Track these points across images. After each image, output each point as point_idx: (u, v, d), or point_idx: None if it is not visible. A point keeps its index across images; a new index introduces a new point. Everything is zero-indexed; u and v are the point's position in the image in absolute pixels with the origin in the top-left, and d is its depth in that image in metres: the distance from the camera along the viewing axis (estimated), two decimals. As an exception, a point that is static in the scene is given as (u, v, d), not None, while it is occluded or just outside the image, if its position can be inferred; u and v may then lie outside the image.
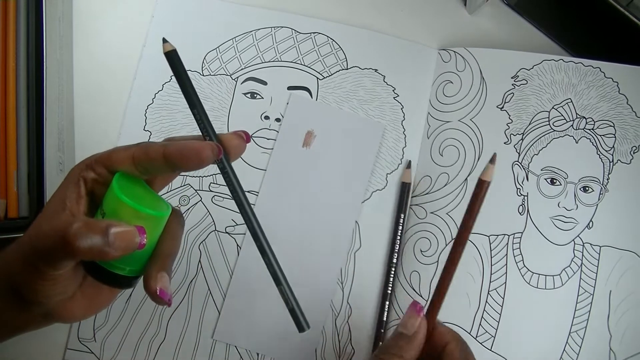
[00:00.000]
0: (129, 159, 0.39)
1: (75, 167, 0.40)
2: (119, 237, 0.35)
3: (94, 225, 0.35)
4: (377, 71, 0.62)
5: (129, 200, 0.37)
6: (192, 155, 0.37)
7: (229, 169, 0.40)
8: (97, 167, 0.39)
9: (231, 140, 0.40)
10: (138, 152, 0.38)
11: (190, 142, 0.38)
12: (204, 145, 0.38)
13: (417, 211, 0.58)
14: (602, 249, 0.55)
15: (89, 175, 0.40)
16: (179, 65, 0.40)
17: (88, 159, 0.40)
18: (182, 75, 0.40)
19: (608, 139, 0.57)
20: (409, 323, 0.41)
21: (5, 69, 0.52)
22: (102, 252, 0.35)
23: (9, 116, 0.51)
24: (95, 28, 0.62)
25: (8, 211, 0.50)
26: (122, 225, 0.36)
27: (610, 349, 0.53)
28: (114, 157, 0.39)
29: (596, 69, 0.58)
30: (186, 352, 0.55)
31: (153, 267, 0.40)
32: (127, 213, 0.37)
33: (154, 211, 0.38)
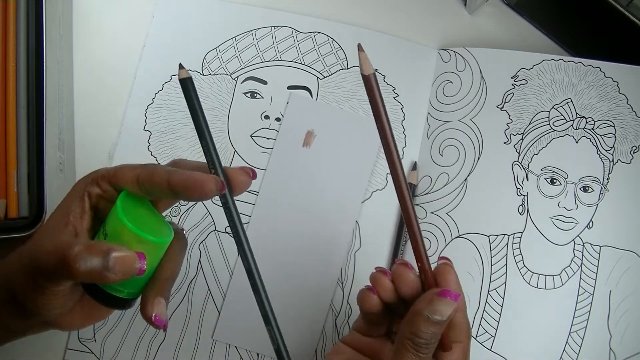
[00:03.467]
0: (134, 180, 0.38)
1: (80, 180, 0.40)
2: (119, 262, 0.35)
3: (95, 248, 0.35)
4: (377, 71, 0.62)
5: (131, 225, 0.37)
6: (196, 187, 0.37)
7: (231, 204, 0.39)
8: (103, 184, 0.39)
9: (237, 176, 0.39)
10: (143, 174, 0.38)
11: (195, 174, 0.37)
12: (209, 179, 0.37)
13: (417, 211, 0.58)
14: (602, 248, 0.55)
15: (94, 190, 0.39)
16: (193, 93, 0.39)
17: (94, 174, 0.40)
18: (194, 105, 0.39)
19: (608, 138, 0.57)
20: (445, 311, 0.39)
21: (5, 69, 0.52)
22: (102, 276, 0.35)
23: (9, 116, 0.51)
24: (95, 28, 0.62)
25: (8, 211, 0.50)
26: (122, 250, 0.36)
27: (610, 349, 0.53)
28: (119, 176, 0.39)
29: (596, 68, 0.58)
30: (186, 352, 0.55)
31: (151, 291, 0.39)
32: (128, 236, 0.37)
33: (155, 237, 0.38)
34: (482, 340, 0.54)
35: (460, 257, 0.56)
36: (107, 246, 0.36)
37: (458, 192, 0.58)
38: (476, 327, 0.54)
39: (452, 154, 0.59)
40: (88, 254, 0.35)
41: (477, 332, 0.54)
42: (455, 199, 0.58)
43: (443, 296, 0.39)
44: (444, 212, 0.57)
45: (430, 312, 0.38)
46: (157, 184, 0.37)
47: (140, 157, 0.59)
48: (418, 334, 0.38)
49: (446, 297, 0.39)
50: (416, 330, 0.38)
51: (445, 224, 0.57)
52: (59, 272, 0.35)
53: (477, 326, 0.54)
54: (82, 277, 0.35)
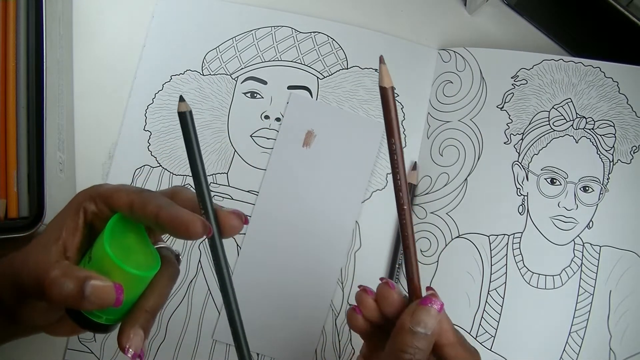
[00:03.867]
0: (129, 206, 0.37)
1: (79, 194, 0.39)
2: (95, 292, 0.35)
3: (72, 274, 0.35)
4: (377, 71, 0.61)
5: (113, 255, 0.36)
6: (182, 228, 0.36)
7: (219, 247, 0.37)
8: (99, 203, 0.38)
9: (229, 220, 0.37)
10: (137, 202, 0.37)
11: (184, 214, 0.36)
12: (195, 221, 0.35)
13: (417, 211, 0.58)
14: (602, 248, 0.55)
15: (90, 207, 0.39)
16: (192, 128, 0.36)
17: (92, 190, 0.39)
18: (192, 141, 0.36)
19: (608, 138, 0.57)
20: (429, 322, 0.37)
21: (5, 69, 0.52)
22: (76, 303, 0.35)
23: (9, 116, 0.51)
24: (95, 28, 0.62)
25: (8, 211, 0.50)
26: (100, 279, 0.35)
27: (610, 349, 0.53)
28: (115, 198, 0.38)
29: (596, 68, 0.58)
30: (186, 352, 0.55)
31: (129, 321, 0.38)
32: (110, 265, 0.36)
33: (137, 270, 0.37)
34: (482, 340, 0.54)
35: (460, 257, 0.56)
36: (85, 274, 0.35)
37: (458, 192, 0.58)
38: (476, 327, 0.54)
39: (452, 154, 0.59)
40: (64, 279, 0.35)
41: (477, 332, 0.54)
42: (455, 199, 0.58)
43: (424, 304, 0.37)
44: (444, 212, 0.57)
45: (413, 324, 0.37)
46: (147, 216, 0.36)
47: (140, 157, 0.59)
48: (402, 348, 0.36)
49: (427, 305, 0.37)
50: (400, 345, 0.37)
51: (445, 224, 0.57)
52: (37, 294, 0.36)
53: (477, 326, 0.54)
54: (56, 301, 0.35)
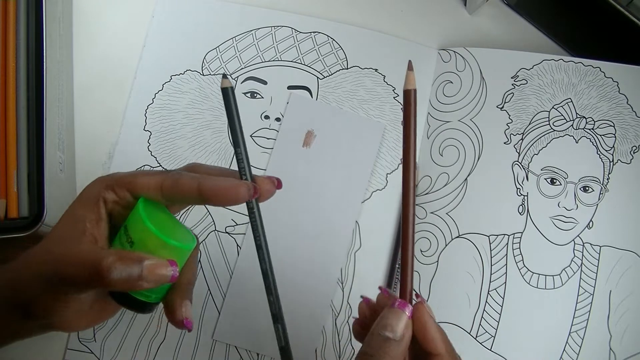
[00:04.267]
0: (157, 188, 0.38)
1: (92, 186, 0.40)
2: (152, 271, 0.36)
3: (128, 258, 0.36)
4: (377, 71, 0.62)
5: (159, 233, 0.38)
6: (230, 194, 0.38)
7: (256, 210, 0.40)
8: (119, 190, 0.39)
9: (264, 184, 0.40)
10: (168, 182, 0.38)
11: (227, 181, 0.38)
12: (241, 184, 0.38)
13: (417, 211, 0.58)
14: (602, 248, 0.55)
15: (110, 196, 0.39)
16: (233, 102, 0.40)
17: (108, 179, 0.39)
18: (233, 114, 0.40)
19: (608, 138, 0.57)
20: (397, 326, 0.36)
21: (5, 69, 0.52)
22: (135, 285, 0.36)
23: (9, 116, 0.51)
24: (95, 28, 0.62)
25: (8, 211, 0.50)
26: (154, 258, 0.37)
27: (610, 349, 0.53)
28: (139, 183, 0.39)
29: (596, 68, 0.58)
30: (186, 353, 0.55)
31: (176, 296, 0.41)
32: (155, 244, 0.38)
33: (182, 244, 0.39)
34: (482, 340, 0.54)
35: (460, 257, 0.56)
36: (139, 255, 0.36)
37: (458, 192, 0.58)
38: (476, 327, 0.54)
39: (452, 154, 0.59)
40: (121, 264, 0.35)
41: (477, 332, 0.54)
42: (455, 199, 0.58)
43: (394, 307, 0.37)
44: (444, 212, 0.57)
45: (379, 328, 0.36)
46: (185, 191, 0.38)
47: (140, 157, 0.59)
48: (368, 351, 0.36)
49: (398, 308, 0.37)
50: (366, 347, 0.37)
51: (445, 224, 0.57)
52: (90, 282, 0.36)
53: (477, 326, 0.54)
54: (115, 286, 0.36)
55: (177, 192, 0.38)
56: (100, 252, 0.36)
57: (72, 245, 0.38)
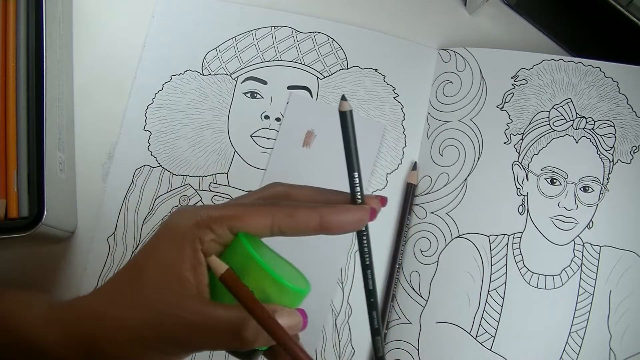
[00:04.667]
0: (266, 225, 0.35)
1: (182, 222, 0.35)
2: (287, 325, 0.33)
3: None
4: (377, 71, 0.62)
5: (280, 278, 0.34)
6: (356, 225, 0.36)
7: (367, 232, 0.39)
8: (218, 228, 0.34)
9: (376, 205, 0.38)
10: (283, 219, 0.35)
11: (349, 211, 0.36)
12: (363, 214, 0.36)
13: (417, 211, 0.58)
14: (602, 248, 0.55)
15: (207, 236, 0.34)
16: (351, 126, 0.37)
17: (199, 214, 0.35)
18: (350, 138, 0.37)
19: (608, 138, 0.57)
20: None
21: (5, 69, 0.52)
22: (269, 343, 0.34)
23: (9, 116, 0.51)
24: (95, 28, 0.62)
25: (8, 211, 0.50)
26: (286, 311, 0.34)
27: (610, 349, 0.53)
28: (245, 221, 0.34)
29: (596, 68, 0.58)
30: (186, 352, 0.55)
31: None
32: (275, 290, 0.35)
33: (301, 288, 0.36)
34: (482, 340, 0.54)
35: (461, 257, 0.56)
36: (272, 308, 0.33)
37: (458, 192, 0.58)
38: (476, 327, 0.54)
39: (452, 154, 0.59)
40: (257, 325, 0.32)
41: (477, 332, 0.54)
42: (455, 199, 0.58)
43: None
44: (444, 212, 0.57)
45: None
46: (304, 227, 0.35)
47: (140, 157, 0.59)
48: None
49: None
50: None
51: (445, 224, 0.57)
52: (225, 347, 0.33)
53: (477, 326, 0.54)
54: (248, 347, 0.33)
55: (294, 228, 0.35)
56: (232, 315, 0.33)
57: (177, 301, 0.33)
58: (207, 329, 0.32)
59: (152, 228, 0.57)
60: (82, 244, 0.57)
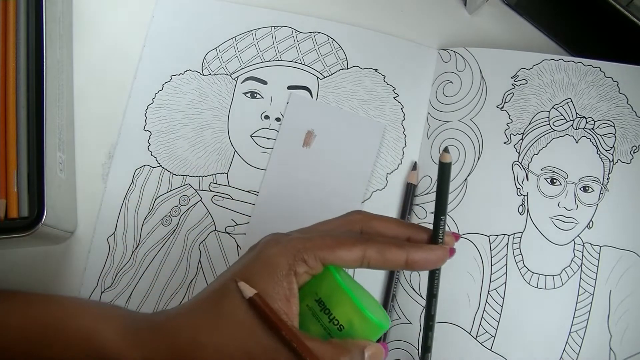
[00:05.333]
0: (357, 261, 0.36)
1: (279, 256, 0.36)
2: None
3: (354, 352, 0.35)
4: (377, 71, 0.62)
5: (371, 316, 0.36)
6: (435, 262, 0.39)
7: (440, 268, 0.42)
8: (312, 262, 0.36)
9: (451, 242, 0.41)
10: (374, 256, 0.37)
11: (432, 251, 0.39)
12: (443, 251, 0.39)
13: (417, 211, 0.58)
14: (602, 248, 0.55)
15: (301, 268, 0.35)
16: (448, 177, 0.40)
17: (296, 250, 0.36)
18: (445, 187, 0.40)
19: (608, 138, 0.57)
20: None
21: (5, 69, 0.52)
22: None
23: (9, 116, 0.51)
24: (95, 28, 0.62)
25: (8, 211, 0.49)
26: (373, 346, 0.36)
27: (611, 349, 0.53)
28: (339, 254, 0.36)
29: (596, 68, 0.58)
30: (186, 352, 0.55)
31: None
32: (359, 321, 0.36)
33: (384, 324, 0.38)
34: (482, 340, 0.54)
35: (461, 257, 0.56)
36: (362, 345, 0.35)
37: (458, 192, 0.58)
38: (476, 327, 0.54)
39: (452, 154, 0.59)
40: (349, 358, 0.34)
41: (477, 332, 0.54)
42: (455, 199, 0.58)
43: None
44: (444, 212, 0.57)
45: None
46: (391, 263, 0.37)
47: (140, 157, 0.59)
48: None
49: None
50: None
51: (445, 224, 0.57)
52: None
53: (477, 326, 0.54)
54: None
55: (382, 264, 0.37)
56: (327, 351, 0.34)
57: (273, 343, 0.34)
58: None
59: (152, 228, 0.57)
60: (82, 244, 0.57)
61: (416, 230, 0.41)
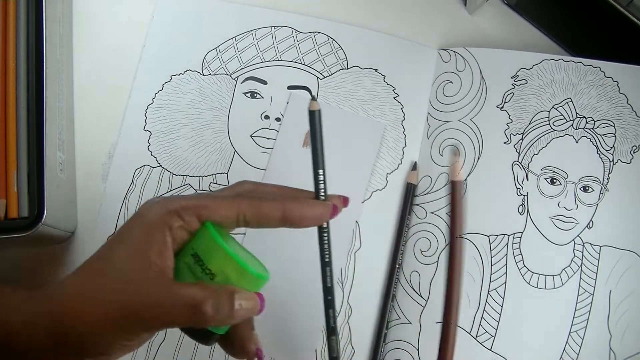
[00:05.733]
0: (232, 213, 0.37)
1: (153, 210, 0.37)
2: (244, 306, 0.36)
3: (222, 294, 0.35)
4: (377, 71, 0.62)
5: (242, 262, 0.36)
6: (316, 218, 0.39)
7: (327, 228, 0.42)
8: (187, 215, 0.37)
9: (338, 203, 0.41)
10: (248, 208, 0.37)
11: (311, 205, 0.39)
12: (325, 208, 0.40)
13: (417, 211, 0.58)
14: (602, 248, 0.55)
15: (175, 222, 0.36)
16: (319, 126, 0.41)
17: (170, 203, 0.37)
18: (317, 137, 0.41)
19: (608, 138, 0.57)
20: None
21: (5, 69, 0.52)
22: (227, 321, 0.36)
23: (9, 116, 0.51)
24: (95, 28, 0.62)
25: (8, 211, 0.50)
26: (244, 293, 0.36)
27: (611, 348, 0.53)
28: (212, 209, 0.37)
29: (596, 68, 0.58)
30: (186, 354, 0.55)
31: (245, 327, 0.40)
32: (236, 274, 0.37)
33: (261, 274, 0.38)
34: (482, 340, 0.54)
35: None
36: (230, 290, 0.35)
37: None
38: (476, 327, 0.54)
39: (452, 154, 0.59)
40: (217, 301, 0.35)
41: (477, 332, 0.54)
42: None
43: None
44: (443, 212, 0.57)
45: None
46: (267, 217, 0.37)
47: (140, 157, 0.59)
48: None
49: None
50: None
51: (445, 224, 0.57)
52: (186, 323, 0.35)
53: (477, 326, 0.54)
54: (209, 324, 0.35)
55: (258, 217, 0.37)
56: (192, 291, 0.35)
57: (145, 283, 0.35)
58: (169, 306, 0.34)
59: (152, 228, 0.57)
60: (82, 244, 0.57)
61: (300, 191, 0.41)
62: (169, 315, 0.34)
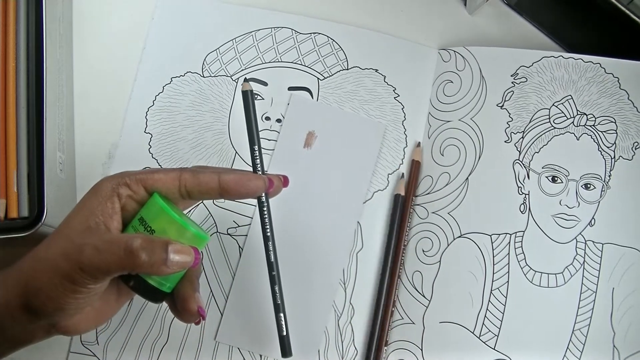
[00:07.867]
0: (175, 183, 0.41)
1: (105, 182, 0.41)
2: (177, 255, 0.38)
3: (156, 241, 0.38)
4: (377, 71, 0.62)
5: (180, 219, 0.40)
6: (250, 186, 0.42)
7: (266, 203, 0.46)
8: (134, 185, 0.41)
9: (275, 180, 0.45)
10: (188, 177, 0.41)
11: (246, 174, 0.42)
12: (259, 177, 0.43)
13: (418, 211, 0.58)
14: (605, 246, 0.55)
15: (124, 191, 0.40)
16: (252, 105, 0.46)
17: (120, 176, 0.41)
18: (251, 115, 0.45)
19: (609, 135, 0.57)
20: None
21: (5, 69, 0.52)
22: (160, 269, 0.38)
23: (9, 116, 0.51)
24: (96, 29, 0.62)
25: (8, 211, 0.49)
26: (178, 243, 0.39)
27: (614, 346, 0.53)
28: (157, 178, 0.41)
29: (596, 64, 0.59)
30: (189, 354, 0.55)
31: (188, 287, 0.43)
32: (175, 231, 0.40)
33: (201, 233, 0.41)
34: (486, 340, 0.54)
35: (463, 256, 0.56)
36: (165, 240, 0.38)
37: (459, 191, 0.58)
38: (479, 326, 0.54)
39: (453, 153, 0.59)
40: (150, 247, 0.37)
41: (480, 332, 0.54)
42: (456, 198, 0.58)
43: None
44: (445, 212, 0.57)
45: None
46: (204, 184, 0.41)
47: (142, 160, 0.59)
48: None
49: None
50: None
51: (447, 224, 0.57)
52: (117, 267, 0.37)
53: (481, 325, 0.54)
54: (143, 269, 0.37)
55: (197, 186, 0.41)
56: (127, 236, 0.38)
57: (90, 236, 0.39)
58: (105, 251, 0.37)
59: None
60: (82, 246, 0.57)
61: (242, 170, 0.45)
62: (105, 261, 0.37)
